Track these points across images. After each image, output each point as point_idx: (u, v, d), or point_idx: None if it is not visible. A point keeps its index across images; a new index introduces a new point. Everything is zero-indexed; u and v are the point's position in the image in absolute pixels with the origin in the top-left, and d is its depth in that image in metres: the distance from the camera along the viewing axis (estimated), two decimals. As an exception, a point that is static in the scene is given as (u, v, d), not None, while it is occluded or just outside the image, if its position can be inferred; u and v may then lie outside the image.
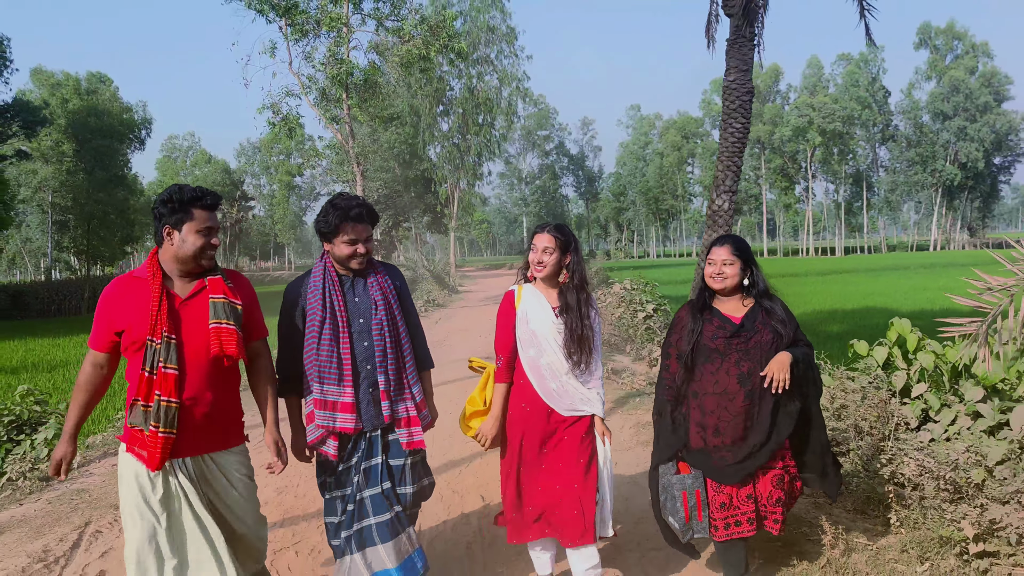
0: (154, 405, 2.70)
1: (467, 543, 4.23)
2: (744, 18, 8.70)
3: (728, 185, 8.92)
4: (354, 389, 3.09)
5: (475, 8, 44.19)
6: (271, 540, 4.20)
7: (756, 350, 3.23)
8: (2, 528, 4.65)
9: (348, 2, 16.96)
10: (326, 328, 3.06)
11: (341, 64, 16.65)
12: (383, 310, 3.14)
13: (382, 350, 3.12)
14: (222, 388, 2.89)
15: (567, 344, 3.32)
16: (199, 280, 2.88)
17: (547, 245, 3.33)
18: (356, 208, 3.08)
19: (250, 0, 16.82)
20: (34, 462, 6.54)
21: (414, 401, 3.19)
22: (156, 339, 2.72)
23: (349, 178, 35.12)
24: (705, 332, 3.32)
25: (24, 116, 38.43)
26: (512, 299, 3.45)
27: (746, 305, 3.36)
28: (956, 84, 73.40)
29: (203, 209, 2.83)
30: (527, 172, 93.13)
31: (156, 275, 2.80)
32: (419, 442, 3.20)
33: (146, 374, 2.71)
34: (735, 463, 3.25)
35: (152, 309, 2.74)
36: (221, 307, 2.84)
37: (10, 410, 7.45)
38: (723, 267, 3.31)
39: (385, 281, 3.23)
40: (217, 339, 2.80)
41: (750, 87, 8.88)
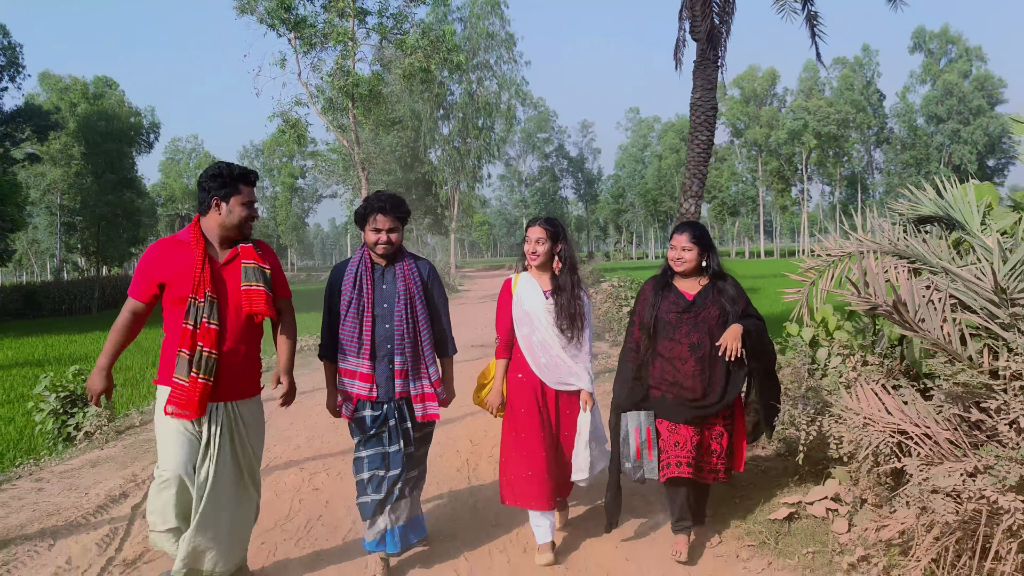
0: (196, 355, 3.07)
1: (473, 504, 4.70)
2: (708, 43, 9.82)
3: (694, 191, 10.04)
4: (371, 362, 3.53)
5: (475, 15, 45.32)
6: (307, 470, 5.33)
7: (704, 323, 3.67)
8: (96, 462, 5.89)
9: (354, 18, 18.06)
10: (352, 308, 3.52)
11: (347, 76, 17.74)
12: (404, 300, 3.56)
13: (400, 334, 3.53)
14: (251, 342, 3.30)
15: (559, 320, 3.74)
16: (233, 247, 3.26)
17: (539, 236, 3.78)
18: (383, 202, 3.53)
19: (262, 16, 17.91)
20: (109, 419, 7.82)
21: (430, 380, 3.61)
22: (199, 297, 3.09)
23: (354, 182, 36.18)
24: (663, 306, 3.75)
25: (36, 121, 39.51)
26: (510, 285, 3.92)
27: (701, 284, 3.77)
28: (950, 88, 74.43)
29: (248, 185, 3.26)
30: (527, 174, 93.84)
31: (199, 241, 3.17)
32: (433, 415, 3.64)
33: (190, 327, 3.08)
34: (689, 405, 3.65)
35: (196, 270, 3.09)
36: (252, 271, 3.22)
37: (64, 387, 8.57)
38: (682, 252, 3.73)
39: (412, 274, 3.64)
40: (248, 299, 3.19)
41: (714, 104, 10.01)
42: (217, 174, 3.19)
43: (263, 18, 17.86)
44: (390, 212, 3.49)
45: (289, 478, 5.22)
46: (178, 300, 3.12)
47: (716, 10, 9.85)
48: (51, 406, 8.37)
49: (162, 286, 3.13)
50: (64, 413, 8.36)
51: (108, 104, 47.09)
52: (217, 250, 3.22)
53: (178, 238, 3.21)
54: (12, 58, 38.64)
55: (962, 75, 75.23)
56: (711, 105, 9.99)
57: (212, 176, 3.17)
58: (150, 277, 3.15)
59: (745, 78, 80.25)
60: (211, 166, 3.27)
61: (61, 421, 8.28)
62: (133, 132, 46.92)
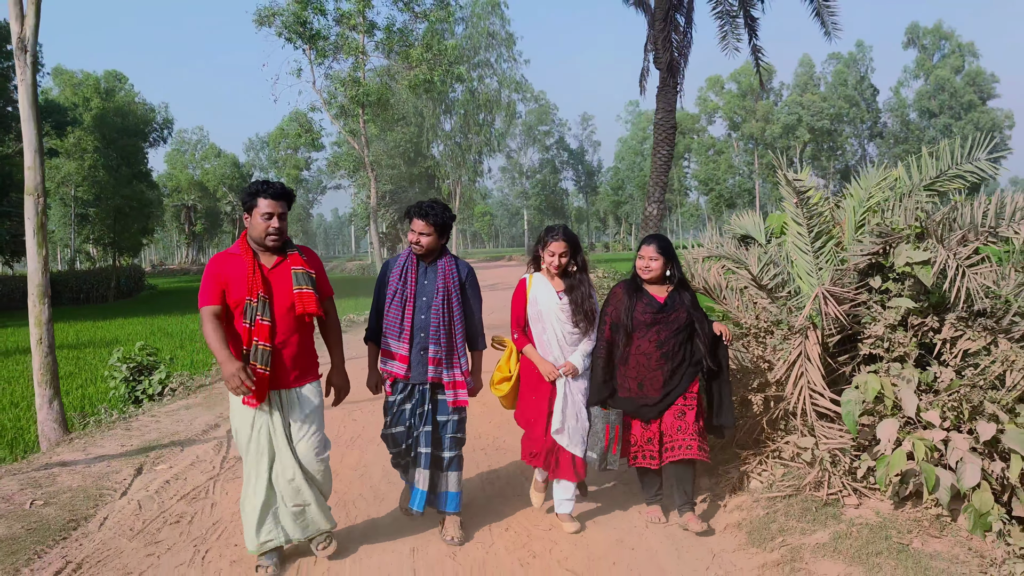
0: (252, 349, 3.42)
1: (491, 480, 5.12)
2: (669, 72, 11.62)
3: (657, 196, 11.87)
4: (409, 347, 3.90)
5: (476, 15, 46.93)
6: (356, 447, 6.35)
7: (674, 323, 4.09)
8: (189, 407, 7.80)
9: (363, 34, 19.84)
10: (396, 298, 3.92)
11: (358, 86, 19.54)
12: (442, 296, 3.92)
13: (436, 326, 3.89)
14: (303, 335, 3.62)
15: (575, 316, 4.08)
16: (279, 255, 3.57)
17: (562, 251, 4.09)
18: (422, 208, 3.91)
19: (280, 30, 19.70)
20: (189, 377, 9.71)
21: (461, 369, 3.97)
22: (253, 298, 3.41)
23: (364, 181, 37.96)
24: (636, 308, 4.12)
25: (55, 117, 41.08)
26: (524, 285, 4.22)
27: (667, 290, 4.17)
28: (941, 83, 75.60)
29: (266, 197, 3.48)
30: (528, 167, 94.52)
31: (248, 251, 3.50)
32: (463, 401, 3.98)
33: (246, 326, 3.42)
34: (653, 405, 4.08)
35: (248, 275, 3.42)
36: (301, 276, 3.54)
37: (133, 359, 10.43)
38: (650, 261, 4.12)
39: (452, 273, 3.99)
40: (300, 302, 3.51)
41: (673, 123, 11.82)
42: (245, 189, 3.54)
43: (281, 31, 19.59)
44: (426, 218, 3.87)
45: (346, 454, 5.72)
46: (235, 304, 3.45)
47: (675, 45, 11.64)
48: (123, 374, 10.25)
49: (224, 292, 3.46)
50: (133, 380, 10.24)
51: (121, 99, 48.45)
52: (263, 258, 3.54)
53: (230, 251, 3.56)
54: (32, 56, 39.96)
55: (954, 71, 76.40)
56: (671, 124, 11.80)
57: (243, 191, 3.54)
58: (215, 282, 3.46)
59: (742, 72, 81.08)
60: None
61: (131, 386, 10.16)
62: (147, 128, 48.45)
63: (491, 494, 4.82)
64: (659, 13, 11.42)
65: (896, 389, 3.53)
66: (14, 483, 4.94)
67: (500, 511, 4.49)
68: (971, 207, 3.98)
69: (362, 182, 43.24)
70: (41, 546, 3.97)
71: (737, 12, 11.68)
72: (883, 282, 3.90)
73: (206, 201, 74.86)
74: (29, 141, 7.28)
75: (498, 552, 3.92)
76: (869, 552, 3.38)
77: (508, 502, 4.63)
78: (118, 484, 5.00)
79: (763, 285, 4.55)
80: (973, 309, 3.71)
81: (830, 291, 3.72)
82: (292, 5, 19.38)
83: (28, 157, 7.27)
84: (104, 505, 4.62)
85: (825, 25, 12.01)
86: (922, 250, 3.57)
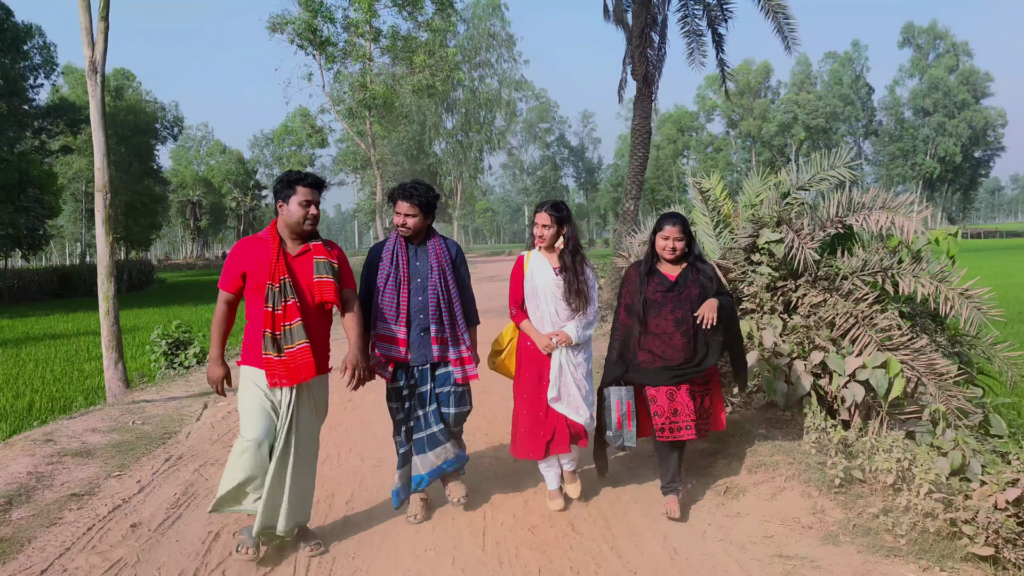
0: (284, 332, 3.44)
1: (487, 461, 5.08)
2: (644, 83, 13.07)
3: (633, 194, 13.32)
4: (407, 330, 3.85)
5: (477, 16, 48.35)
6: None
7: (687, 301, 4.00)
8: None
9: (370, 41, 21.30)
10: (390, 281, 3.86)
11: (365, 90, 20.99)
12: (437, 274, 3.89)
13: (435, 305, 3.87)
14: (321, 327, 3.64)
15: (566, 296, 4.03)
16: (304, 244, 3.59)
17: (545, 222, 4.06)
18: (405, 189, 3.87)
19: (292, 37, 21.14)
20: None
21: (466, 345, 3.97)
22: (275, 284, 3.43)
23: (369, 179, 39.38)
24: (648, 288, 4.06)
25: (70, 115, 42.46)
26: (522, 262, 4.22)
27: (679, 267, 4.09)
28: (935, 82, 76.80)
29: (304, 186, 3.53)
30: (529, 163, 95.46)
31: (275, 237, 3.52)
32: (473, 375, 4.00)
33: (269, 310, 3.43)
34: (670, 372, 3.97)
35: (272, 260, 3.45)
36: (323, 265, 3.55)
37: (171, 336, 11.92)
38: (675, 243, 4.03)
39: (443, 251, 3.97)
40: (320, 290, 3.53)
41: (649, 129, 13.27)
42: (280, 179, 3.60)
43: (293, 39, 21.02)
44: (410, 199, 3.85)
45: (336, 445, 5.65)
46: (257, 288, 3.48)
47: (651, 59, 13.09)
48: (162, 348, 11.75)
49: (244, 276, 3.50)
50: (171, 354, 11.74)
51: (130, 97, 49.68)
52: (289, 245, 3.57)
53: (258, 236, 3.61)
54: (48, 57, 41.41)
55: (948, 70, 77.58)
56: (647, 130, 13.26)
57: (278, 181, 3.59)
58: (235, 267, 3.51)
59: (740, 71, 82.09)
60: (282, 173, 3.67)
61: (169, 359, 11.65)
62: (158, 126, 49.87)
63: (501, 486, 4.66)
64: (636, 30, 12.87)
65: (761, 331, 5.00)
66: (116, 411, 6.48)
67: (511, 497, 4.42)
68: (829, 202, 5.44)
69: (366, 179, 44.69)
70: (149, 448, 5.48)
71: (703, 32, 13.14)
72: (759, 256, 5.35)
73: (211, 197, 75.95)
74: (98, 147, 8.75)
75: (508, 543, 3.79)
76: (724, 433, 4.65)
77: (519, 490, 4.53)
78: (192, 412, 6.55)
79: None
80: (818, 275, 5.17)
81: (719, 264, 5.18)
82: (303, 13, 20.80)
83: (97, 160, 8.75)
84: (186, 425, 6.14)
85: (785, 40, 13.44)
86: (778, 233, 5.02)
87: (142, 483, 4.67)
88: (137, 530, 3.93)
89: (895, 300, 5.52)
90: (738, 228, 5.64)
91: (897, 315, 5.34)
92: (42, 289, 35.99)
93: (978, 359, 6.25)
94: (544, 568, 3.47)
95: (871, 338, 4.79)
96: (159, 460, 5.15)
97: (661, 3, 12.82)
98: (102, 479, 4.73)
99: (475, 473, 4.78)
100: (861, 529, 3.58)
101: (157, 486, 4.63)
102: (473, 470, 4.80)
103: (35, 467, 4.87)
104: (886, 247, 5.61)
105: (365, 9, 20.70)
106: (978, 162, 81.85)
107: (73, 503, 4.29)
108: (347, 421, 6.29)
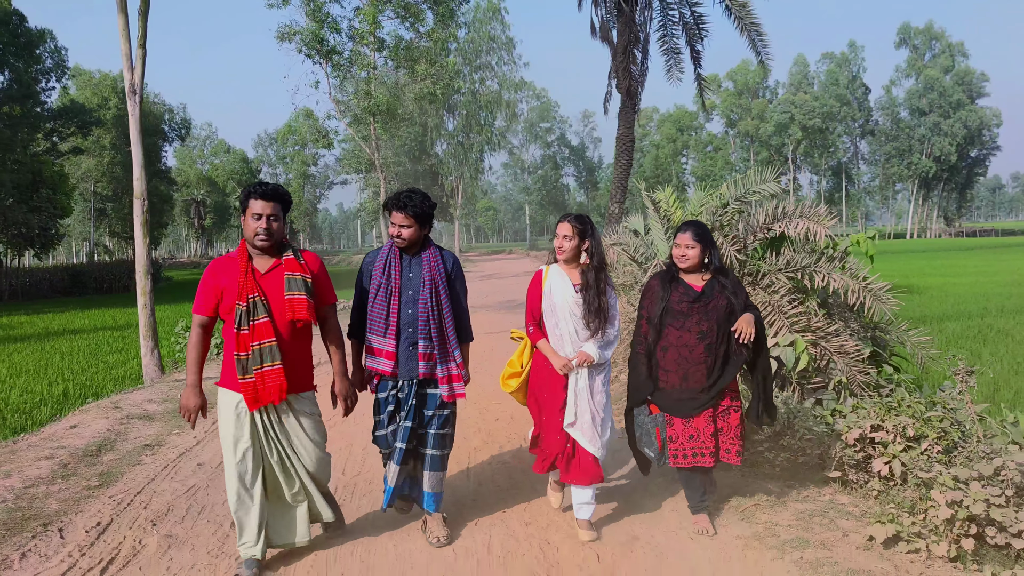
0: (253, 353, 3.33)
1: (491, 476, 4.87)
2: (628, 95, 14.23)
3: (618, 198, 14.48)
4: (396, 343, 3.74)
5: (478, 19, 49.53)
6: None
7: (713, 312, 3.83)
8: None
9: (374, 51, 22.44)
10: (380, 292, 3.75)
11: (369, 97, 22.13)
12: (429, 288, 3.75)
13: (424, 319, 3.73)
14: (300, 342, 3.53)
15: (586, 316, 3.82)
16: (276, 258, 3.48)
17: (566, 233, 3.86)
18: (400, 200, 3.73)
19: (300, 46, 22.26)
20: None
21: (455, 363, 3.81)
22: (243, 303, 3.34)
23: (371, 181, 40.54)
24: (672, 298, 3.88)
25: (81, 117, 43.54)
26: (540, 277, 4.00)
27: (705, 278, 3.92)
28: (931, 82, 77.73)
29: (256, 198, 3.39)
30: (530, 162, 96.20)
31: (243, 255, 3.44)
32: (460, 394, 3.84)
33: (236, 331, 3.33)
34: (693, 399, 3.84)
35: (240, 279, 3.37)
36: (294, 282, 3.43)
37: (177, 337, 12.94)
38: (686, 250, 3.87)
39: (438, 265, 3.81)
40: (291, 307, 3.40)
41: (632, 137, 14.42)
42: (241, 192, 3.49)
43: (301, 48, 22.14)
44: (406, 210, 3.72)
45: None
46: (230, 308, 3.37)
47: (634, 74, 14.24)
48: (187, 339, 12.86)
49: (219, 299, 3.40)
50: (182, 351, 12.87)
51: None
52: (257, 261, 3.46)
53: (229, 255, 3.50)
54: (59, 60, 42.50)
55: (944, 70, 78.48)
56: (630, 139, 14.41)
57: (239, 194, 3.57)
58: (210, 289, 3.41)
59: (738, 72, 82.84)
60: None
61: (182, 356, 12.76)
62: (166, 128, 50.99)
63: (506, 486, 4.71)
64: (620, 48, 14.03)
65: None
66: (163, 388, 7.68)
67: (517, 508, 4.34)
68: (757, 210, 6.60)
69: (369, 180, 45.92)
70: (197, 415, 6.63)
71: (681, 50, 14.32)
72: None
73: (215, 196, 76.86)
74: (137, 159, 9.91)
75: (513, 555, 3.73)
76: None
77: (524, 495, 4.52)
78: (228, 389, 7.70)
79: (635, 259, 7.04)
80: (745, 271, 6.31)
81: (665, 263, 6.32)
82: (311, 24, 21.95)
83: (136, 171, 9.91)
84: (225, 398, 7.28)
85: (759, 54, 14.62)
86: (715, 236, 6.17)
87: (198, 438, 5.85)
88: (202, 468, 5.10)
89: (816, 293, 6.67)
90: (684, 233, 6.83)
91: (815, 305, 6.50)
92: (53, 287, 36.82)
93: (894, 343, 7.40)
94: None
95: (784, 323, 5.94)
96: (208, 421, 6.31)
97: (643, 23, 13.97)
98: (166, 435, 5.92)
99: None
100: (748, 461, 4.74)
101: (210, 439, 5.80)
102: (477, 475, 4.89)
103: (111, 427, 6.06)
104: (812, 249, 6.75)
105: (370, 20, 21.81)
106: (974, 161, 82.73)
107: (148, 451, 5.48)
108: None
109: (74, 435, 5.82)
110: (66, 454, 5.31)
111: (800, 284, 6.48)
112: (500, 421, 6.36)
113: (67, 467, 5.04)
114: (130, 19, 9.74)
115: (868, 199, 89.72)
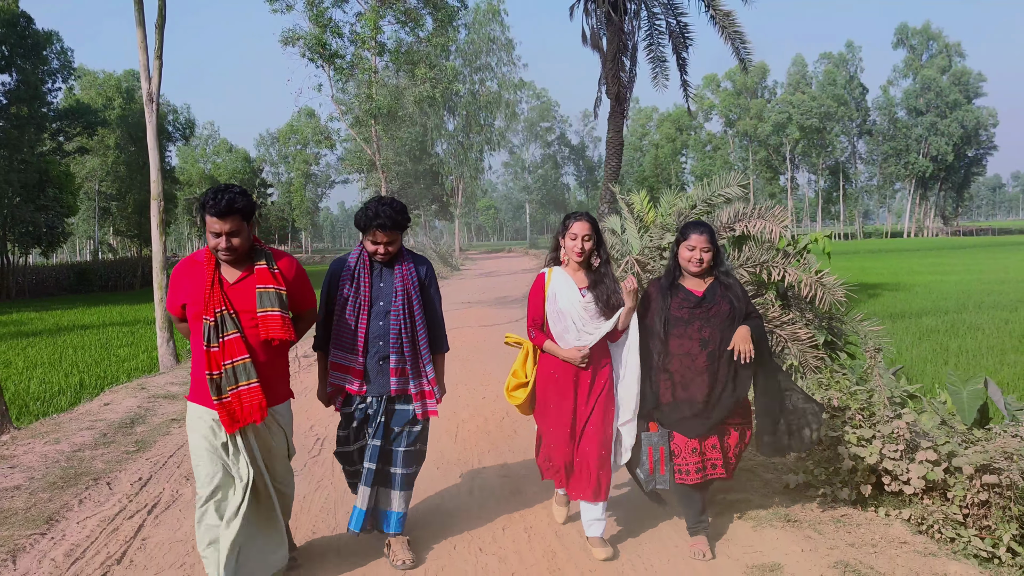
0: (225, 372, 3.04)
1: (483, 485, 4.73)
2: (617, 101, 14.94)
3: (608, 198, 15.16)
4: (364, 359, 3.53)
5: (478, 21, 50.20)
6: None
7: (716, 319, 3.66)
8: None
9: (375, 55, 23.13)
10: (348, 304, 3.53)
11: (371, 100, 22.82)
12: (401, 298, 3.55)
13: (396, 332, 3.54)
14: (276, 359, 3.26)
15: (604, 312, 3.66)
16: (246, 267, 3.17)
17: (586, 233, 3.64)
18: (381, 219, 3.45)
19: (303, 51, 22.92)
20: None
21: (427, 379, 3.61)
22: (210, 317, 3.03)
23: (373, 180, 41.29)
24: (672, 304, 3.71)
25: (87, 117, 44.26)
26: (543, 281, 3.77)
27: (706, 282, 3.74)
28: (928, 82, 78.33)
29: (211, 216, 3.04)
30: (530, 162, 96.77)
31: (211, 261, 3.11)
32: (433, 411, 3.65)
33: (207, 349, 3.03)
34: (699, 417, 3.65)
35: (205, 290, 3.06)
36: (267, 296, 3.12)
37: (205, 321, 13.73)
38: (702, 253, 3.66)
39: (410, 272, 3.61)
40: (264, 325, 3.10)
41: (621, 141, 15.11)
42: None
43: (304, 52, 22.83)
44: (391, 227, 3.49)
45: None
46: (196, 318, 3.10)
47: (623, 80, 14.95)
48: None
49: (184, 305, 3.16)
50: (206, 337, 13.58)
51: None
52: (225, 269, 3.16)
53: (195, 258, 3.19)
54: (65, 62, 43.21)
55: (940, 70, 79.07)
56: (619, 142, 15.12)
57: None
58: (175, 295, 3.19)
59: (737, 72, 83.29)
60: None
61: (205, 341, 13.50)
62: (170, 128, 51.71)
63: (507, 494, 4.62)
64: (609, 55, 14.74)
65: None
66: (183, 372, 8.43)
67: (519, 516, 4.27)
68: (721, 212, 7.32)
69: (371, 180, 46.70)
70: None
71: (667, 58, 15.04)
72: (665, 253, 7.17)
73: (217, 195, 77.33)
74: (154, 162, 10.63)
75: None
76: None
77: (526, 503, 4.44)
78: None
79: (612, 256, 7.67)
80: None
81: (636, 259, 7.03)
82: (314, 28, 22.65)
83: (153, 174, 10.63)
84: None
85: (742, 62, 15.33)
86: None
87: (218, 414, 6.55)
88: (224, 437, 5.80)
89: (774, 286, 7.38)
90: (654, 232, 7.49)
91: (772, 297, 7.22)
92: (59, 284, 37.64)
93: (850, 333, 8.12)
94: None
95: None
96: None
97: (631, 32, 14.69)
98: (189, 412, 6.61)
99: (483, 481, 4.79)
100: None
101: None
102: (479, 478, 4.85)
103: (140, 404, 6.80)
104: (774, 247, 7.46)
105: (371, 25, 22.51)
106: (971, 161, 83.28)
107: (175, 424, 6.21)
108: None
109: (108, 411, 6.56)
110: (104, 426, 6.05)
111: (759, 278, 7.18)
112: (490, 421, 6.61)
113: (106, 436, 5.78)
114: (148, 32, 10.46)
115: (867, 198, 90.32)
